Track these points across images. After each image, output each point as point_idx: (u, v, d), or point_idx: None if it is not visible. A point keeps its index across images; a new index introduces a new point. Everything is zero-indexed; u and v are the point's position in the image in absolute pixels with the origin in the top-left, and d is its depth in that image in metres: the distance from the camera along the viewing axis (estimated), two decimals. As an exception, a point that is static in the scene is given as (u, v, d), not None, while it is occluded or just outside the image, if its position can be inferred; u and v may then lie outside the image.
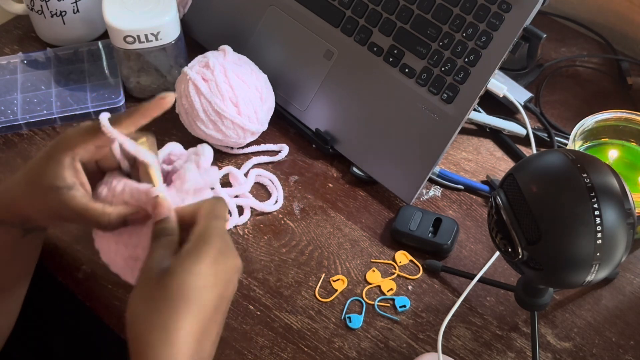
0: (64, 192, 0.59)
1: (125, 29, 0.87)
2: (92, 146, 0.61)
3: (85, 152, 0.61)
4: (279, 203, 0.84)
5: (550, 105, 0.95)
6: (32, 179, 0.61)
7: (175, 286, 0.53)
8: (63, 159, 0.60)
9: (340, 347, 0.72)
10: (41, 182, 0.60)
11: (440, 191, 0.85)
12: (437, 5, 0.83)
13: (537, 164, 0.61)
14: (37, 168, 0.61)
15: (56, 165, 0.60)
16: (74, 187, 0.60)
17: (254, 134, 0.87)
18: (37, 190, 0.60)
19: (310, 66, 0.90)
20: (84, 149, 0.60)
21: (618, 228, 0.57)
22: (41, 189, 0.60)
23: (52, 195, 0.59)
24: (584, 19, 1.06)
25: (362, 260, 0.79)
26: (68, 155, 0.60)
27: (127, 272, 0.63)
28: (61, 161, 0.60)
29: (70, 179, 0.60)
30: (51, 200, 0.60)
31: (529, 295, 0.68)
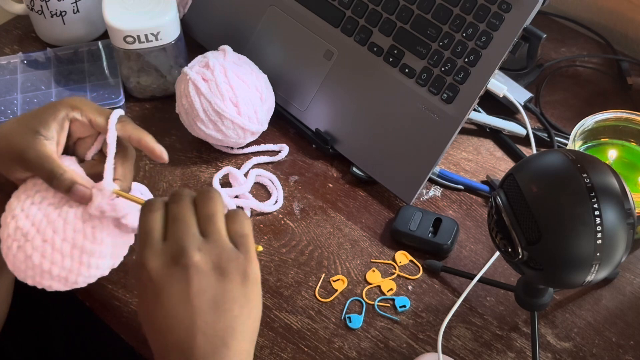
0: (39, 138, 0.61)
1: (125, 29, 0.87)
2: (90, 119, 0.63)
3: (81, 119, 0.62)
4: (279, 203, 0.84)
5: (550, 105, 0.95)
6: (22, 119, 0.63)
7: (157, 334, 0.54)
8: (60, 110, 0.62)
9: (340, 347, 0.72)
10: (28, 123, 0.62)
11: (440, 191, 0.85)
12: (437, 5, 0.83)
13: (537, 164, 0.61)
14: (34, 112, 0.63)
15: (50, 113, 0.62)
16: (50, 139, 0.61)
17: (254, 134, 0.87)
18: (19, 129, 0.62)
19: (310, 66, 0.90)
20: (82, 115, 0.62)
21: (618, 228, 0.57)
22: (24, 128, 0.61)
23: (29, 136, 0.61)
24: (584, 19, 1.06)
25: (362, 260, 0.79)
26: (65, 110, 0.62)
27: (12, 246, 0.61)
28: (57, 112, 0.62)
29: (52, 131, 0.61)
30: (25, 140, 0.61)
31: (529, 295, 0.68)
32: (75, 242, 0.61)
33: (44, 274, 0.61)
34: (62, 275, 0.62)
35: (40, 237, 0.60)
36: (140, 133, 0.64)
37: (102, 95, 0.94)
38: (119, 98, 0.93)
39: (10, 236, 0.61)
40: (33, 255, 0.61)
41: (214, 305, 0.53)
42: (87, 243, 0.61)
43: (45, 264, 0.61)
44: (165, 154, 0.64)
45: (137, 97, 0.95)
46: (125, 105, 0.94)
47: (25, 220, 0.61)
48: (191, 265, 0.52)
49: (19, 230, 0.61)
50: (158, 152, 0.64)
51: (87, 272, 0.62)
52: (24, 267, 0.61)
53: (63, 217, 0.61)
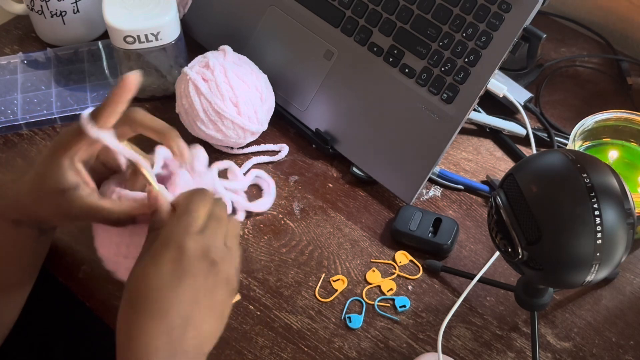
0: (70, 193, 0.61)
1: (125, 29, 0.87)
2: (86, 145, 0.62)
3: (82, 152, 0.62)
4: (268, 204, 0.83)
5: (550, 105, 0.95)
6: (38, 185, 0.62)
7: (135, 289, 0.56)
8: (62, 162, 0.61)
9: (340, 347, 0.72)
10: (46, 187, 0.61)
11: (440, 191, 0.85)
12: (437, 6, 0.83)
13: (537, 164, 0.61)
14: (40, 173, 0.62)
15: (57, 168, 0.61)
16: (79, 187, 0.61)
17: (254, 134, 0.87)
18: (45, 195, 0.62)
19: (310, 66, 0.90)
20: (79, 149, 0.61)
21: (618, 228, 0.57)
22: (48, 193, 0.61)
23: (60, 197, 0.61)
24: (584, 19, 1.06)
25: (362, 260, 0.79)
26: (66, 157, 0.61)
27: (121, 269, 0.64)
28: (61, 164, 0.61)
29: (73, 179, 0.61)
30: (60, 202, 0.61)
31: (529, 295, 0.68)
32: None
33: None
34: None
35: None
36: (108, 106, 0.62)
37: (102, 95, 0.94)
38: (119, 98, 0.93)
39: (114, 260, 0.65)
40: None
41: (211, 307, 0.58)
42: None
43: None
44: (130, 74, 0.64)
45: (137, 97, 0.95)
46: (125, 105, 0.94)
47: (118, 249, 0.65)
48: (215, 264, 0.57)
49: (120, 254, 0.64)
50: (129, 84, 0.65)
51: None
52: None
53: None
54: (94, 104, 0.93)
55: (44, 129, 0.93)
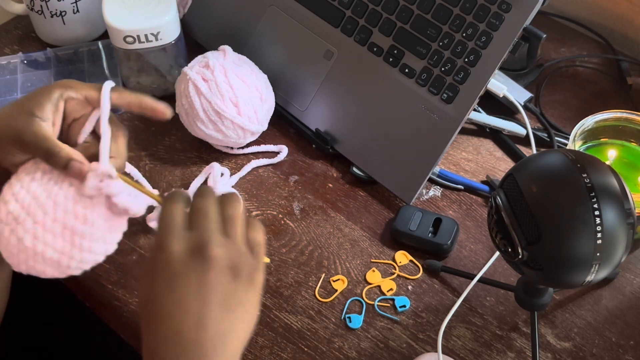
0: (35, 120, 0.61)
1: (125, 29, 0.87)
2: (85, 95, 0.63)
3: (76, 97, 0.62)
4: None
5: (550, 105, 0.95)
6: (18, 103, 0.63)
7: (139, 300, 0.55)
8: (54, 92, 0.62)
9: (340, 347, 0.72)
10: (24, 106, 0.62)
11: (440, 191, 0.85)
12: (437, 6, 0.83)
13: (537, 164, 0.61)
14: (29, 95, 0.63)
15: (45, 94, 0.62)
16: (46, 120, 0.61)
17: (254, 134, 0.87)
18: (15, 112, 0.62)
19: (310, 66, 0.90)
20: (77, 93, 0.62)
21: (618, 228, 0.57)
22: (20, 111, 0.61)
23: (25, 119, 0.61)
24: (584, 19, 1.06)
25: (362, 260, 0.79)
26: (59, 90, 0.62)
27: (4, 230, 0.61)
28: (51, 93, 0.62)
29: (47, 112, 0.61)
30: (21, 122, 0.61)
31: (529, 295, 0.68)
32: (66, 223, 0.60)
33: (37, 257, 0.60)
34: (54, 259, 0.60)
35: (31, 220, 0.60)
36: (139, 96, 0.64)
37: (102, 95, 0.94)
38: (119, 98, 0.93)
39: (2, 221, 0.61)
40: (25, 237, 0.60)
41: (223, 303, 0.53)
42: (78, 224, 0.60)
43: (38, 245, 0.60)
44: (168, 109, 0.64)
45: (137, 97, 0.95)
46: (125, 105, 0.94)
47: (15, 204, 0.60)
48: (213, 258, 0.53)
49: (10, 214, 0.60)
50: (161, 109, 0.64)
51: (79, 256, 0.61)
52: (17, 251, 0.60)
53: (53, 198, 0.60)
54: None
55: (44, 129, 0.93)
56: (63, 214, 0.60)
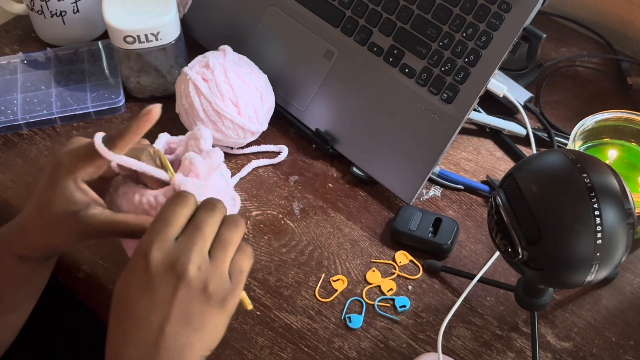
0: (82, 214, 0.59)
1: (125, 29, 0.87)
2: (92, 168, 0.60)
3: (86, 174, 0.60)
4: None
5: (550, 105, 0.95)
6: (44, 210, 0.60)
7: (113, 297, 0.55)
8: (67, 185, 0.60)
9: (340, 347, 0.72)
10: (56, 212, 0.60)
11: (440, 191, 0.85)
12: (437, 5, 0.83)
13: (537, 164, 0.61)
14: (45, 198, 0.61)
15: (62, 192, 0.59)
16: (89, 207, 0.60)
17: (254, 134, 0.87)
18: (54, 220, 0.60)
19: (310, 66, 0.90)
20: (84, 172, 0.60)
21: (618, 228, 0.57)
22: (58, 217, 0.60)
23: (71, 220, 0.59)
24: (584, 19, 1.06)
25: (362, 260, 0.79)
26: (70, 180, 0.60)
27: None
28: (66, 187, 0.60)
29: (82, 200, 0.60)
30: (72, 224, 0.60)
31: (529, 295, 0.68)
32: None
33: None
34: None
35: None
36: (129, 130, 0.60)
37: (102, 95, 0.94)
38: (119, 98, 0.93)
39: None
40: None
41: (186, 320, 0.54)
42: None
43: None
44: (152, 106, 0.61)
45: (137, 97, 0.95)
46: (125, 105, 0.94)
47: None
48: (184, 278, 0.53)
49: None
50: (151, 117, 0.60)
51: None
52: None
53: None
54: (93, 104, 0.93)
55: (44, 129, 0.93)
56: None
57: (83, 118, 0.93)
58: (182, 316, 0.53)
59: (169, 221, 0.54)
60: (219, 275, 0.54)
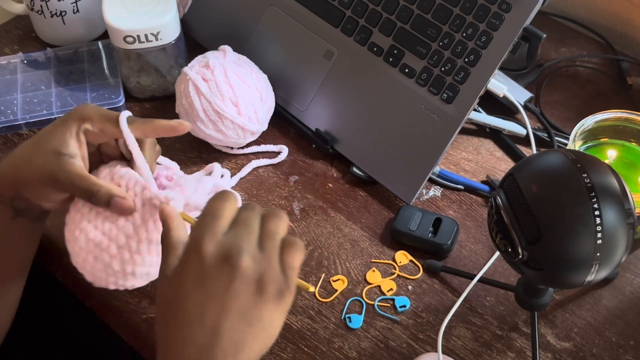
0: (64, 159, 0.62)
1: (125, 29, 0.87)
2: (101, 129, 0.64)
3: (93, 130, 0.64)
4: None
5: (550, 105, 0.95)
6: (38, 142, 0.63)
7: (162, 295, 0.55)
8: (72, 127, 0.63)
9: (340, 347, 0.72)
10: (46, 145, 0.62)
11: (440, 191, 0.85)
12: (437, 6, 0.83)
13: (537, 164, 0.61)
14: (46, 132, 0.64)
15: (64, 131, 0.63)
16: (75, 157, 0.62)
17: (254, 134, 0.87)
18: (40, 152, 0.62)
19: (310, 66, 0.90)
20: (93, 126, 0.63)
21: (618, 228, 0.57)
22: (44, 150, 0.62)
23: (53, 158, 0.62)
24: (584, 19, 1.06)
25: (362, 260, 0.79)
26: (76, 123, 0.63)
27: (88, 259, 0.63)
28: (70, 128, 0.63)
29: (73, 148, 0.62)
30: (51, 164, 0.62)
31: (529, 295, 0.68)
32: (151, 238, 0.63)
33: (127, 277, 0.64)
34: (144, 272, 0.64)
35: (114, 245, 0.62)
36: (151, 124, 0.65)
37: (102, 95, 0.94)
38: (119, 98, 0.93)
39: (84, 249, 0.63)
40: (112, 263, 0.63)
41: (241, 315, 0.53)
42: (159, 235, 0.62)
43: (127, 267, 0.63)
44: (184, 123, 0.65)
45: (137, 97, 0.96)
46: (125, 105, 0.94)
47: (95, 232, 0.63)
48: (239, 268, 0.52)
49: (91, 241, 0.63)
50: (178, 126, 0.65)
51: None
52: (105, 275, 0.63)
53: (131, 221, 0.63)
54: (94, 104, 0.92)
55: (44, 129, 0.93)
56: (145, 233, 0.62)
57: (83, 118, 0.93)
58: (237, 309, 0.53)
59: (219, 214, 0.55)
60: (272, 266, 0.54)
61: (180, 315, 0.53)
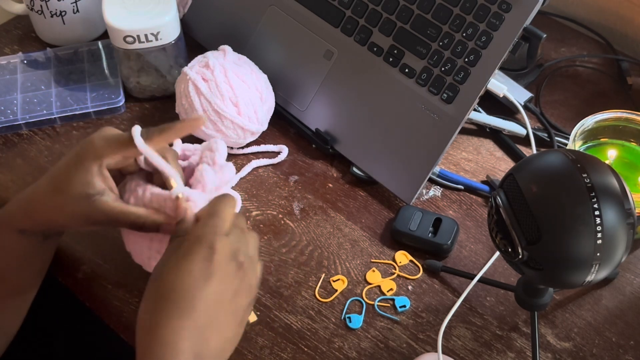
0: (96, 199, 0.61)
1: (125, 29, 0.87)
2: (121, 157, 0.63)
3: (112, 161, 0.62)
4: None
5: (550, 105, 0.95)
6: (60, 187, 0.62)
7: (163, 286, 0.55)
8: (91, 167, 0.61)
9: (340, 347, 0.72)
10: (71, 190, 0.61)
11: (440, 191, 0.85)
12: (437, 5, 0.83)
13: (537, 164, 0.61)
14: (65, 176, 0.62)
15: (85, 173, 0.61)
16: (104, 194, 0.61)
17: (254, 134, 0.87)
18: (67, 198, 0.61)
19: (310, 66, 0.90)
20: (111, 158, 0.62)
21: (618, 228, 0.57)
22: (71, 196, 0.61)
23: (83, 202, 0.61)
24: (584, 19, 1.06)
25: (362, 260, 0.79)
26: (95, 164, 0.61)
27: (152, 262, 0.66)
28: (90, 169, 0.61)
29: (100, 186, 0.61)
30: (83, 206, 0.61)
31: (529, 295, 0.68)
32: None
33: None
34: None
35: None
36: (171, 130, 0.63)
37: (102, 95, 0.94)
38: (119, 98, 0.93)
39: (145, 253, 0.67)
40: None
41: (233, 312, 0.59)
42: None
43: None
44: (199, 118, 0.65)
45: (137, 97, 0.95)
46: (125, 105, 0.94)
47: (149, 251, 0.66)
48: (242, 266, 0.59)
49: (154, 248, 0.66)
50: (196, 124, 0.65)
51: None
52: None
53: None
54: (93, 104, 0.93)
55: (43, 129, 0.93)
56: None
57: (83, 118, 0.93)
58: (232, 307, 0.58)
59: (227, 218, 0.59)
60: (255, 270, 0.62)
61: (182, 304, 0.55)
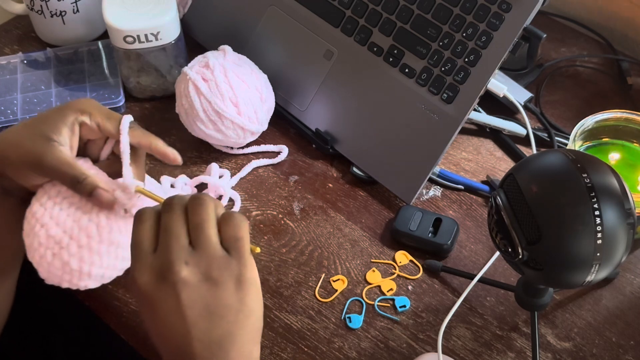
0: (54, 145, 0.61)
1: (125, 29, 0.87)
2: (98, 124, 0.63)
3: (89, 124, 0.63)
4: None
5: (550, 105, 0.95)
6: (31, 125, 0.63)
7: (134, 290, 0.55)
8: (68, 116, 0.63)
9: (340, 347, 0.72)
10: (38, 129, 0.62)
11: (440, 191, 0.85)
12: (437, 5, 0.83)
13: (537, 164, 0.61)
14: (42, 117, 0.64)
15: (60, 118, 0.62)
16: (64, 144, 0.62)
17: (254, 134, 0.87)
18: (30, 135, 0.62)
19: (310, 66, 0.90)
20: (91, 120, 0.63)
21: (618, 228, 0.57)
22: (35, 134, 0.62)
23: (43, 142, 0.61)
24: (584, 19, 1.06)
25: (362, 260, 0.79)
26: (74, 114, 0.63)
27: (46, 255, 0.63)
28: (66, 116, 0.62)
29: (65, 136, 0.62)
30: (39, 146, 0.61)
31: (529, 295, 0.68)
32: (112, 240, 0.63)
33: (82, 276, 0.64)
34: (99, 274, 0.64)
35: (75, 244, 0.62)
36: (150, 138, 0.65)
37: (102, 95, 0.94)
38: (119, 98, 0.93)
39: (43, 245, 0.63)
40: (71, 261, 0.62)
41: (207, 314, 0.53)
42: (122, 238, 0.63)
43: (84, 267, 0.63)
44: (178, 157, 0.66)
45: (137, 97, 0.95)
46: (125, 105, 0.94)
47: (56, 228, 0.62)
48: (178, 280, 0.53)
49: (52, 238, 0.62)
50: (171, 156, 0.66)
51: (121, 265, 0.64)
52: (61, 273, 0.63)
53: (95, 221, 0.63)
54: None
55: (43, 129, 0.93)
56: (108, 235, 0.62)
57: (83, 118, 0.93)
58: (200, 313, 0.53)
59: (138, 240, 0.55)
60: (212, 256, 0.54)
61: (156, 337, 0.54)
